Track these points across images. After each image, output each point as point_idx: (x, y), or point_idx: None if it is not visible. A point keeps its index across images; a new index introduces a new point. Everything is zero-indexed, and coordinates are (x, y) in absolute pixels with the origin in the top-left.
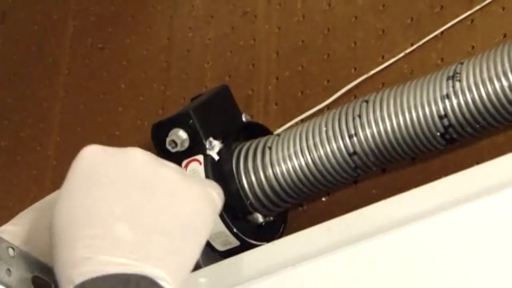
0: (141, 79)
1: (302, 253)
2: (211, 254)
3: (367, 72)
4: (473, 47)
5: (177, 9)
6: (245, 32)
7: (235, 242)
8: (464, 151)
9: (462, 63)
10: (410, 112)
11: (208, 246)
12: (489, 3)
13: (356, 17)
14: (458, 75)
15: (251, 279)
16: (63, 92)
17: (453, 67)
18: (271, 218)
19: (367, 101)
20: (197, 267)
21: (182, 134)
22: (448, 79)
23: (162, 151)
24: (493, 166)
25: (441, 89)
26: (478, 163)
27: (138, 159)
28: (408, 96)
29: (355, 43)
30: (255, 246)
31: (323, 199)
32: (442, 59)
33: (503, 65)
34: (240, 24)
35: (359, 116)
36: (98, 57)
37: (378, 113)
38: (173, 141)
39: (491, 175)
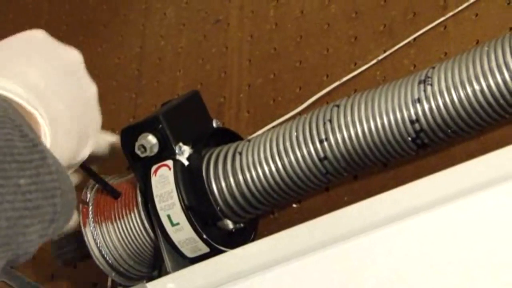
0: (112, 88)
1: (272, 257)
2: (180, 261)
3: (339, 79)
4: (446, 53)
5: (149, 17)
6: (217, 40)
7: (205, 249)
8: (436, 158)
9: (433, 67)
10: (381, 117)
11: (177, 252)
12: (462, 9)
13: (328, 24)
14: (429, 79)
15: (220, 284)
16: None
17: (425, 72)
18: (242, 225)
19: (338, 106)
20: (165, 273)
21: (152, 139)
22: (419, 83)
23: (131, 156)
24: (466, 168)
25: (412, 94)
26: None
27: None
28: (379, 100)
29: (327, 50)
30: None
31: (294, 205)
32: (414, 66)
33: (474, 68)
34: (213, 32)
35: (330, 121)
36: None
37: (349, 117)
38: (142, 146)
39: (465, 177)
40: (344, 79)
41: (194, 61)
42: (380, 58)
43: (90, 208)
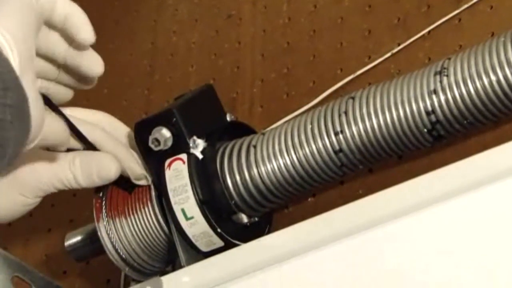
0: (124, 84)
1: (288, 250)
2: (194, 255)
3: (353, 73)
4: (460, 46)
5: (161, 13)
6: (230, 35)
7: (219, 243)
8: (451, 150)
9: (449, 59)
10: (397, 108)
11: (192, 246)
12: (477, 2)
13: (342, 18)
14: (445, 70)
15: (236, 277)
16: None
17: (441, 63)
18: (256, 219)
19: (353, 98)
20: (179, 267)
21: (165, 133)
22: (435, 74)
23: (145, 150)
24: (482, 159)
25: (428, 85)
26: None
27: None
28: (395, 92)
29: (341, 44)
30: None
31: (309, 199)
32: (429, 59)
33: (491, 59)
34: (225, 27)
35: (345, 113)
36: None
37: (364, 109)
38: (156, 140)
39: (481, 168)
40: (358, 72)
41: (206, 56)
42: (394, 51)
43: (104, 202)
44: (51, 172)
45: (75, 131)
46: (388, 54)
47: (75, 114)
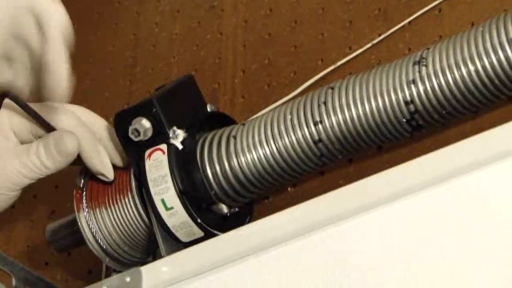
0: (106, 75)
1: (266, 239)
2: (174, 246)
3: (334, 63)
4: (440, 36)
5: (143, 5)
6: (212, 26)
7: (199, 233)
8: (431, 140)
9: (428, 49)
10: (376, 99)
11: (172, 237)
12: None
13: (323, 9)
14: (424, 60)
15: (215, 267)
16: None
17: (420, 53)
18: (236, 209)
19: (332, 88)
20: (159, 256)
21: (145, 123)
22: (414, 64)
23: (125, 140)
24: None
25: (407, 75)
26: None
27: None
28: (374, 82)
29: (322, 34)
30: None
31: (290, 190)
32: (409, 49)
33: (469, 49)
34: (207, 18)
35: (325, 103)
36: None
37: (343, 99)
38: (136, 130)
39: (459, 156)
40: (339, 63)
41: (188, 47)
42: (375, 42)
43: (84, 193)
44: (19, 163)
45: (35, 117)
46: (369, 45)
47: (55, 105)
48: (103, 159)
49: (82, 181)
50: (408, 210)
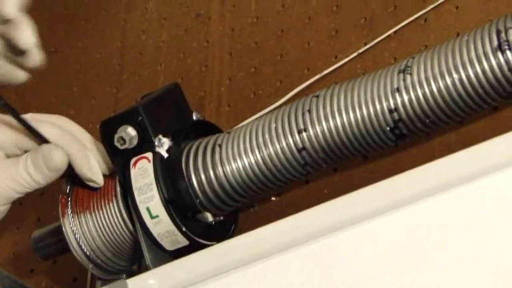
0: (93, 82)
1: (255, 252)
2: (159, 254)
3: (320, 72)
4: (426, 46)
5: (130, 12)
6: (198, 34)
7: (184, 242)
8: (416, 150)
9: (414, 57)
10: (360, 107)
11: (157, 245)
12: (443, 2)
13: (309, 18)
14: (409, 68)
15: (203, 279)
16: (14, 95)
17: (405, 61)
18: (221, 218)
19: (317, 96)
20: (145, 267)
21: (131, 131)
22: (399, 72)
23: (110, 148)
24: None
25: (392, 83)
26: (430, 161)
27: None
28: (359, 91)
29: (308, 43)
30: (204, 245)
31: (274, 198)
32: (395, 59)
33: (454, 59)
34: (194, 26)
35: (309, 111)
36: (51, 61)
37: (328, 108)
38: (122, 138)
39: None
40: (325, 72)
41: (175, 55)
42: (360, 51)
43: (69, 198)
44: (9, 177)
45: (29, 129)
46: (355, 54)
47: (37, 117)
48: (93, 166)
49: (68, 186)
50: (397, 223)
